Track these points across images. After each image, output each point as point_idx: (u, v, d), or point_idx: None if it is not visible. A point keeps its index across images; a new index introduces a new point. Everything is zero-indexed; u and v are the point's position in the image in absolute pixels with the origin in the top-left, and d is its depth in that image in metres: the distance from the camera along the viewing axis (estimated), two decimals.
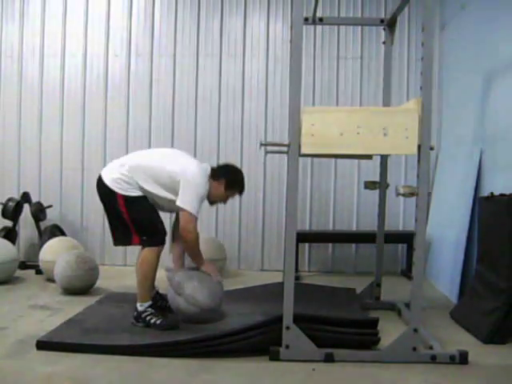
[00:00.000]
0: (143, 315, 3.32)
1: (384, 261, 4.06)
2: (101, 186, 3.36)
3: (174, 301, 3.40)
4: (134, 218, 3.30)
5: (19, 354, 2.91)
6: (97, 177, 3.41)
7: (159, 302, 3.60)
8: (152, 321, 3.29)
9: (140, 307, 3.34)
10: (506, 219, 3.36)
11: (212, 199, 3.52)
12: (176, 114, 5.55)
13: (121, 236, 3.41)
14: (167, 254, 3.91)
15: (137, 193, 3.30)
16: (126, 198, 3.28)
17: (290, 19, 5.32)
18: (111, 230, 3.46)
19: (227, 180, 3.47)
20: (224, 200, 3.58)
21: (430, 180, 5.03)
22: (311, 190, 5.54)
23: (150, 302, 3.37)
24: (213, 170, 3.49)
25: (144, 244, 3.35)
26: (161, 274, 3.54)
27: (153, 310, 3.35)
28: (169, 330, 3.23)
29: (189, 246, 3.37)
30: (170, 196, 3.33)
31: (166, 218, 3.83)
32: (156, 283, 3.55)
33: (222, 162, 4.04)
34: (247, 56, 5.55)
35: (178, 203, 3.27)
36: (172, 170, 3.31)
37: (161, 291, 3.69)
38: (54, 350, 2.95)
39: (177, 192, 3.29)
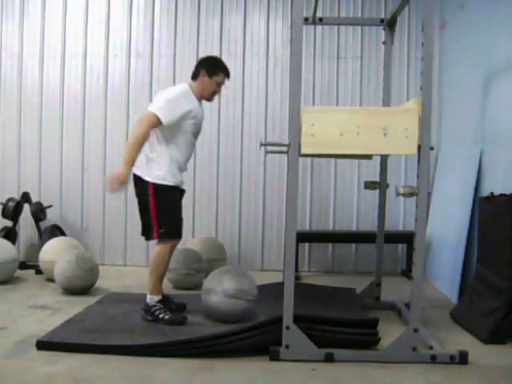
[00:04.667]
0: (152, 309, 3.41)
1: (384, 261, 4.06)
2: (136, 180, 3.47)
3: (218, 304, 3.39)
4: (158, 206, 3.39)
5: (19, 354, 2.91)
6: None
7: (166, 303, 3.62)
8: (161, 316, 3.38)
9: (149, 300, 3.42)
10: (506, 219, 3.36)
11: (206, 95, 3.60)
12: None
13: (145, 229, 3.52)
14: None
15: (166, 181, 3.40)
16: (156, 187, 3.39)
17: (290, 19, 5.32)
18: (141, 223, 3.55)
19: (206, 69, 3.56)
20: (216, 90, 3.62)
21: (429, 180, 5.03)
22: (311, 190, 5.53)
23: (159, 297, 3.44)
24: (192, 74, 3.61)
25: (161, 236, 3.41)
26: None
27: (161, 305, 3.42)
28: (176, 325, 3.31)
29: (132, 139, 3.35)
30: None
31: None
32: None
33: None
34: (247, 56, 5.54)
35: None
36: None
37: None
38: (54, 349, 2.95)
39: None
